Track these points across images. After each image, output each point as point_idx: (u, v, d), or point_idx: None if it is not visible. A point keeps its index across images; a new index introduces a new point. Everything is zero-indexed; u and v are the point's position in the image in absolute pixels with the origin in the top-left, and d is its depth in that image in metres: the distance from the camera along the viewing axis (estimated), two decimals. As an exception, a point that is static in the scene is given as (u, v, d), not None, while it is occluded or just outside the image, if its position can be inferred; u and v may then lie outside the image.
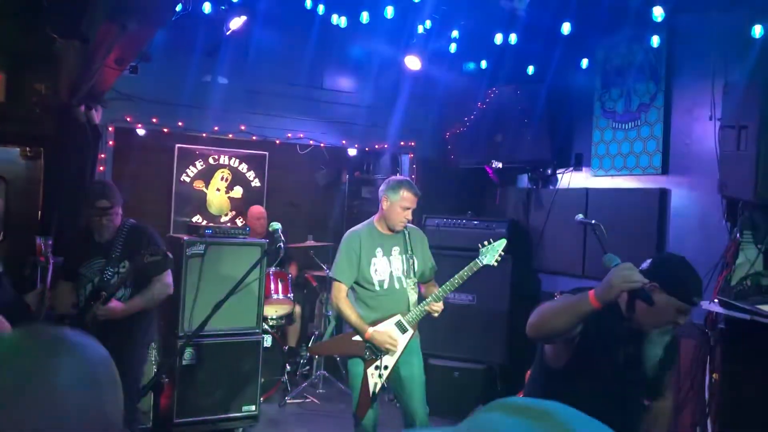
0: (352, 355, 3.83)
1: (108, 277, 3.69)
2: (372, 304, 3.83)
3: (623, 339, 2.13)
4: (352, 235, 3.92)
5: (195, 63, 5.40)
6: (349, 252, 3.84)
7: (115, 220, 3.81)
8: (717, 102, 4.09)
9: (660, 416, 2.38)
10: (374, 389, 3.75)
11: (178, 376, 4.81)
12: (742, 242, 3.96)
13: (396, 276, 3.87)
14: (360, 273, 3.82)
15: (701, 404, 4.09)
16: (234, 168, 7.46)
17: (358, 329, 3.77)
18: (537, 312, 2.15)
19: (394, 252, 3.90)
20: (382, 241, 3.89)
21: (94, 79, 4.13)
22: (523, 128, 5.60)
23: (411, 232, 4.01)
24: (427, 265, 4.05)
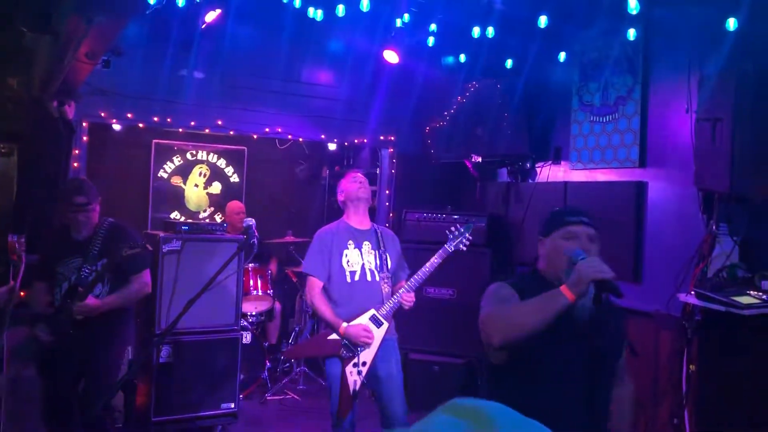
0: (328, 354, 3.80)
1: (85, 275, 3.63)
2: (345, 297, 3.81)
3: (570, 324, 2.07)
4: (323, 231, 3.99)
5: (170, 57, 5.32)
6: (320, 246, 3.86)
7: (92, 216, 3.75)
8: (693, 95, 4.10)
9: (620, 404, 2.34)
10: (355, 387, 3.72)
11: (155, 375, 4.76)
12: (718, 234, 3.98)
13: (368, 268, 3.87)
14: (331, 266, 3.82)
15: (678, 396, 4.11)
16: (212, 163, 7.39)
17: (333, 325, 3.75)
18: (498, 319, 2.08)
19: (365, 245, 3.92)
20: (353, 234, 3.93)
21: (65, 73, 4.05)
22: (502, 122, 5.59)
23: (383, 232, 4.07)
24: (401, 265, 4.07)
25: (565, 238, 2.20)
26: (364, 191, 4.00)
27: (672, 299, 4.09)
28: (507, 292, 2.22)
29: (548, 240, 2.26)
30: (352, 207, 3.97)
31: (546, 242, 2.27)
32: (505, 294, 2.21)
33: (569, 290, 1.99)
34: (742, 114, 3.58)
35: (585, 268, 2.00)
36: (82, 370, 3.55)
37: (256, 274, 6.14)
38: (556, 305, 1.98)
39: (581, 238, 2.19)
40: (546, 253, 2.27)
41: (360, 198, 3.97)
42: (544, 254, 2.28)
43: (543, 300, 2.02)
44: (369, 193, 4.08)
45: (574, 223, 2.21)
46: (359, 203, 3.96)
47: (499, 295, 2.22)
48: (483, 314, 2.15)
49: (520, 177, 5.87)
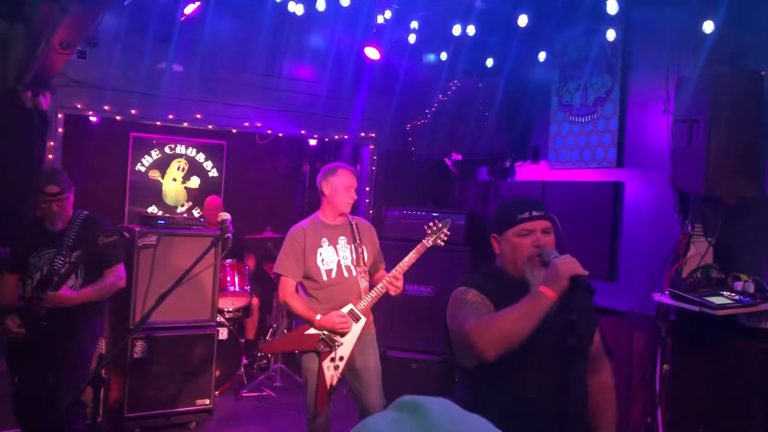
0: (305, 349, 3.77)
1: (58, 266, 3.57)
2: (322, 296, 3.77)
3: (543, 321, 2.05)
4: (295, 229, 3.88)
5: (148, 49, 5.26)
6: (293, 245, 3.78)
7: (66, 206, 3.68)
8: (670, 96, 4.14)
9: (602, 393, 2.33)
10: (332, 382, 3.70)
11: (128, 370, 4.71)
12: (693, 235, 4.02)
13: (344, 264, 3.81)
14: (306, 265, 3.75)
15: (652, 395, 4.15)
16: (191, 157, 7.33)
17: (308, 319, 3.71)
18: (488, 332, 1.98)
19: (340, 242, 3.86)
20: (327, 231, 3.85)
21: (39, 63, 3.99)
22: (482, 121, 5.60)
23: (358, 224, 3.98)
24: (378, 258, 4.02)
25: (520, 235, 2.17)
26: (350, 206, 3.90)
27: (646, 299, 4.13)
28: (478, 298, 2.15)
29: (503, 237, 2.23)
30: (330, 207, 3.88)
31: (501, 240, 2.24)
32: (477, 301, 2.14)
33: (550, 289, 1.97)
34: (718, 116, 3.62)
35: (561, 264, 1.99)
36: (51, 363, 3.49)
37: (234, 270, 6.09)
38: (542, 307, 1.96)
39: (536, 232, 2.17)
40: (503, 251, 2.23)
41: (344, 211, 3.88)
42: (502, 251, 2.24)
43: (528, 304, 1.99)
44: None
45: (526, 220, 2.18)
46: (341, 210, 3.88)
47: (471, 302, 2.13)
48: (466, 327, 2.03)
49: (500, 176, 5.89)
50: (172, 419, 4.90)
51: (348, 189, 3.84)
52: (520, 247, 2.17)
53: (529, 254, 2.14)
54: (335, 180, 3.84)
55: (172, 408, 4.87)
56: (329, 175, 3.86)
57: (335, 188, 3.83)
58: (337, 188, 3.83)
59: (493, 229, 2.28)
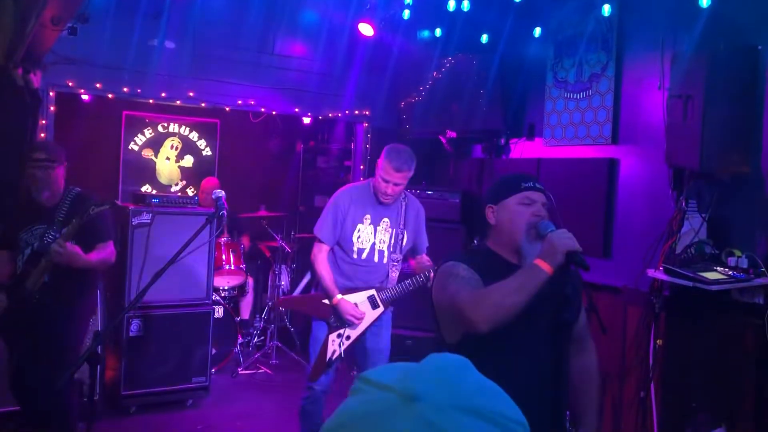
0: (319, 316, 3.76)
1: (49, 241, 3.54)
2: (348, 271, 3.72)
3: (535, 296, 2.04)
4: (343, 193, 3.71)
5: (140, 26, 5.20)
6: (335, 211, 3.66)
7: (53, 176, 3.60)
8: (666, 72, 4.12)
9: (586, 375, 2.30)
10: (331, 356, 3.70)
11: (124, 348, 4.73)
12: (688, 211, 4.03)
13: (378, 249, 3.71)
14: (342, 234, 3.66)
15: (645, 370, 4.18)
16: (184, 136, 7.29)
17: (328, 293, 3.66)
18: (481, 305, 1.97)
19: (383, 223, 3.71)
20: (374, 208, 3.69)
21: (29, 39, 3.93)
22: (477, 98, 5.57)
23: (408, 205, 3.77)
24: (419, 240, 3.90)
25: (522, 203, 2.15)
26: (386, 197, 3.65)
27: (641, 275, 4.14)
28: (468, 273, 2.12)
29: (501, 207, 2.19)
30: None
31: (498, 209, 2.20)
32: (468, 275, 2.11)
33: (545, 262, 1.96)
34: (713, 92, 3.60)
35: (558, 239, 1.98)
36: (45, 340, 3.49)
37: (229, 249, 6.09)
38: (537, 280, 1.95)
39: (537, 203, 2.16)
40: (500, 221, 2.19)
41: (381, 200, 3.68)
42: (498, 222, 2.20)
43: (523, 277, 1.98)
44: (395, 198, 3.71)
45: (530, 189, 2.17)
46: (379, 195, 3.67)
47: (462, 276, 2.11)
48: (460, 300, 2.02)
49: (494, 153, 5.87)
50: (169, 397, 4.94)
51: (386, 183, 3.59)
52: (521, 215, 2.14)
53: (529, 223, 2.12)
54: (380, 165, 3.61)
55: (168, 386, 4.90)
56: (382, 156, 3.62)
57: (377, 173, 3.63)
58: (377, 174, 3.64)
59: (490, 200, 2.24)
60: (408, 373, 0.66)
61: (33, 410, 3.61)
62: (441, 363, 0.69)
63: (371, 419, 0.62)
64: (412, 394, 0.62)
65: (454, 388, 0.65)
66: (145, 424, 4.70)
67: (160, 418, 4.81)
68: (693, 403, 3.85)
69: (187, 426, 4.72)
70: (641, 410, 4.15)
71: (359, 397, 0.66)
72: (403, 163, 3.58)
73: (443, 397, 0.63)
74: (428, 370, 0.67)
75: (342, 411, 0.66)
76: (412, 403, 0.62)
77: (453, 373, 0.67)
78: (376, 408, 0.63)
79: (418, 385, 0.64)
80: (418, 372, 0.67)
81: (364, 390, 0.66)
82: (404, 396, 0.62)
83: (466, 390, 0.65)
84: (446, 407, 0.62)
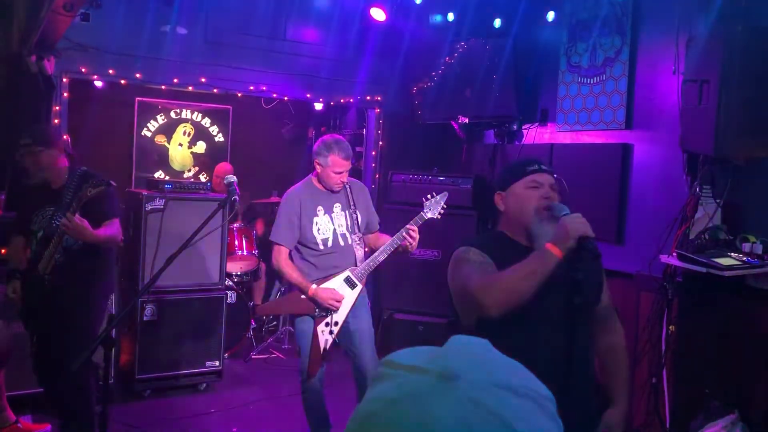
0: (300, 313, 3.80)
1: (57, 224, 3.56)
2: (318, 263, 3.77)
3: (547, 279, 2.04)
4: (290, 195, 3.81)
5: (152, 12, 5.21)
6: (289, 214, 3.74)
7: (44, 161, 3.57)
8: (681, 56, 4.07)
9: (613, 354, 2.30)
10: (326, 346, 3.74)
11: (139, 332, 4.78)
12: (702, 197, 3.99)
13: (340, 233, 3.79)
14: (302, 234, 3.73)
15: (657, 356, 4.17)
16: (197, 122, 7.30)
17: (302, 288, 3.71)
18: (493, 290, 1.98)
19: (335, 209, 3.81)
20: (323, 199, 3.79)
21: (43, 26, 3.95)
22: (490, 83, 5.53)
23: (352, 186, 3.90)
24: (371, 217, 4.00)
25: (530, 187, 2.15)
26: (340, 186, 3.78)
27: (654, 261, 4.12)
28: (480, 257, 2.13)
29: (509, 192, 2.20)
30: (321, 182, 3.79)
31: (507, 195, 2.20)
32: (480, 260, 2.13)
33: (556, 247, 1.95)
34: (730, 75, 3.55)
35: (572, 223, 1.96)
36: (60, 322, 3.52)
37: (241, 234, 6.12)
38: (548, 264, 1.94)
39: (545, 185, 2.15)
40: (509, 206, 2.20)
41: (334, 191, 3.79)
42: (507, 208, 2.20)
43: (534, 262, 1.97)
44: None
45: (537, 171, 2.16)
46: (331, 189, 3.78)
47: (475, 261, 2.12)
48: (471, 285, 2.03)
49: (507, 139, 5.84)
50: (183, 381, 4.99)
51: (338, 174, 3.72)
52: (529, 199, 2.14)
53: (538, 206, 2.12)
54: (326, 164, 3.70)
55: (182, 370, 4.96)
56: (320, 157, 3.72)
57: (325, 171, 3.72)
58: (328, 173, 3.71)
59: (498, 186, 2.25)
60: (437, 354, 0.65)
61: (53, 392, 3.66)
62: (466, 343, 0.68)
63: (409, 402, 0.60)
64: (450, 374, 0.61)
65: (486, 365, 0.64)
66: (159, 408, 4.76)
67: (173, 402, 4.86)
68: (705, 389, 3.84)
69: (200, 409, 4.77)
70: (653, 396, 4.14)
71: (390, 383, 0.64)
72: (348, 150, 3.74)
73: (480, 375, 0.62)
74: (457, 351, 0.66)
75: (373, 398, 0.64)
76: (452, 381, 0.61)
77: (481, 352, 0.67)
78: (412, 390, 0.61)
79: (453, 364, 0.63)
80: (446, 353, 0.66)
81: (394, 374, 0.64)
82: (442, 376, 0.61)
83: (498, 367, 0.65)
84: (486, 384, 0.61)
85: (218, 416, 4.71)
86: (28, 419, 4.20)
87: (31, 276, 3.55)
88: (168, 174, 7.13)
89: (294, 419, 4.56)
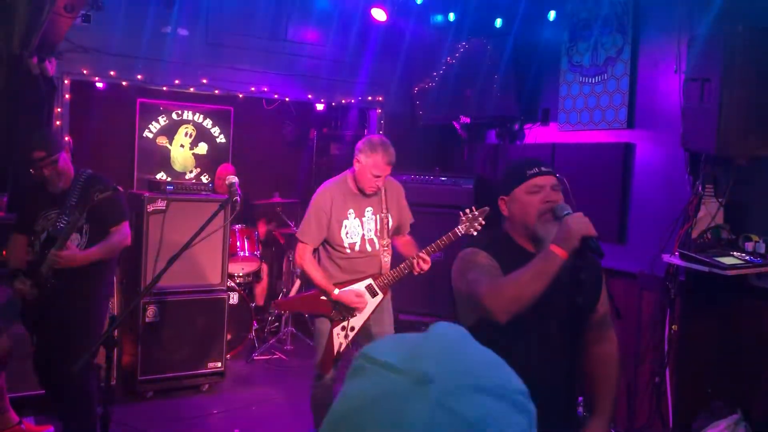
0: (319, 314, 3.79)
1: (62, 226, 3.57)
2: (343, 265, 3.73)
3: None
4: (323, 193, 3.70)
5: (152, 13, 5.21)
6: (318, 213, 3.66)
7: (59, 168, 3.60)
8: (682, 55, 4.07)
9: (603, 365, 2.27)
10: (339, 349, 3.74)
11: (141, 334, 4.78)
12: (704, 196, 3.99)
13: (368, 238, 3.72)
14: (330, 234, 3.66)
15: (660, 355, 4.17)
16: (198, 124, 7.30)
17: (325, 290, 3.67)
18: (500, 296, 1.96)
19: (367, 213, 3.72)
20: (355, 202, 3.70)
21: (44, 28, 3.95)
22: (491, 83, 5.53)
23: (387, 187, 3.78)
24: (404, 220, 3.90)
25: (531, 192, 2.13)
26: (375, 190, 3.67)
27: (656, 260, 4.12)
28: (487, 261, 2.12)
29: (511, 198, 2.18)
30: (357, 182, 3.68)
31: (509, 200, 2.19)
32: (487, 263, 2.11)
33: (560, 248, 1.93)
34: (731, 74, 3.55)
35: (575, 223, 1.95)
36: (61, 324, 3.53)
37: (243, 235, 6.12)
38: (553, 266, 1.92)
39: (546, 188, 2.13)
40: (513, 212, 2.19)
41: (368, 193, 3.68)
42: (512, 213, 2.19)
43: (539, 264, 1.95)
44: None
45: (537, 175, 2.15)
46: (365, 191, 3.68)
47: (482, 264, 2.11)
48: (479, 290, 2.01)
49: (509, 139, 5.84)
50: (185, 382, 4.99)
51: (376, 177, 3.60)
52: (530, 204, 2.12)
53: (540, 211, 2.10)
54: (368, 162, 3.57)
55: (184, 371, 4.95)
56: (364, 154, 3.59)
57: (364, 170, 3.60)
58: (366, 172, 3.59)
59: (501, 191, 2.23)
60: (413, 352, 0.66)
61: (54, 393, 3.67)
62: (444, 337, 0.69)
63: (384, 404, 0.61)
64: (424, 378, 0.62)
65: (461, 365, 0.65)
66: (161, 409, 4.76)
67: (176, 403, 4.86)
68: (708, 388, 3.83)
69: (203, 411, 4.77)
70: (656, 395, 4.14)
71: (366, 380, 0.65)
72: (393, 156, 3.61)
73: (453, 377, 0.63)
74: (433, 347, 0.66)
75: (349, 394, 0.65)
76: (425, 386, 0.62)
77: (457, 348, 0.67)
78: (387, 392, 0.62)
79: (428, 365, 0.63)
80: (423, 349, 0.66)
81: (370, 370, 0.65)
82: (416, 379, 0.62)
83: (472, 366, 0.66)
84: (458, 388, 0.62)
85: (221, 417, 4.71)
86: (30, 421, 4.20)
87: (34, 277, 3.55)
88: (170, 175, 7.13)
89: (296, 419, 4.57)
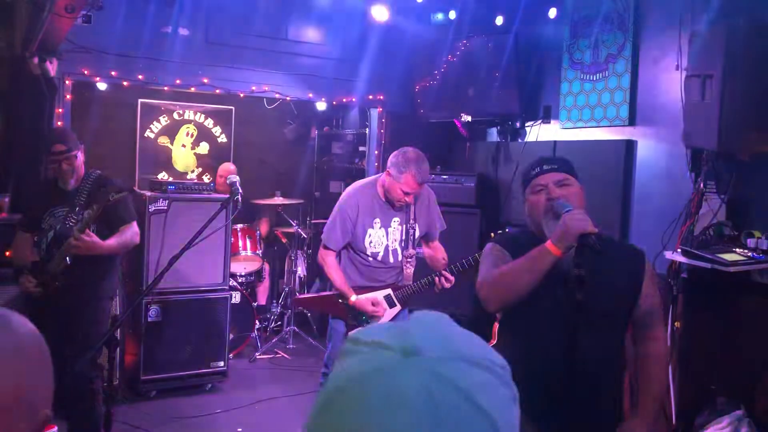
0: (335, 315, 3.79)
1: (71, 225, 3.59)
2: (363, 270, 3.70)
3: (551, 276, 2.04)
4: (351, 197, 3.62)
5: (153, 13, 5.20)
6: (344, 218, 3.58)
7: (75, 164, 3.67)
8: (683, 51, 4.06)
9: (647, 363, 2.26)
10: None
11: (143, 334, 4.78)
12: (706, 192, 3.98)
13: (392, 249, 3.67)
14: (354, 239, 3.61)
15: (663, 352, 4.15)
16: (199, 123, 7.30)
17: (344, 294, 3.64)
18: (489, 285, 2.08)
19: (393, 223, 3.66)
20: (382, 211, 3.62)
21: (45, 27, 3.95)
22: (492, 81, 5.52)
23: (418, 196, 3.66)
24: (432, 229, 3.81)
25: (534, 192, 2.20)
26: (401, 204, 3.58)
27: (658, 257, 4.11)
28: (499, 253, 2.22)
29: (525, 199, 2.27)
30: (386, 191, 3.57)
31: (525, 201, 2.29)
32: (497, 256, 2.21)
33: (555, 245, 1.97)
34: (733, 70, 3.54)
35: (571, 220, 1.97)
36: (65, 322, 3.53)
37: (245, 235, 6.13)
38: (543, 263, 1.96)
39: (548, 185, 2.17)
40: (528, 213, 2.27)
41: (396, 205, 3.60)
42: (527, 213, 2.28)
43: (529, 259, 2.00)
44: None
45: (537, 175, 2.20)
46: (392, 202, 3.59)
47: (491, 258, 2.22)
48: (479, 279, 2.14)
49: (510, 137, 5.83)
50: (188, 381, 4.99)
51: (405, 195, 3.49)
52: (536, 204, 2.19)
53: (546, 207, 2.15)
54: (398, 178, 3.45)
55: (187, 370, 4.96)
56: (399, 166, 3.45)
57: (394, 185, 3.48)
58: (396, 188, 3.48)
59: (521, 193, 2.33)
60: (400, 330, 0.68)
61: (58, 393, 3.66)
62: (426, 319, 0.71)
63: (375, 376, 0.62)
64: (412, 349, 0.64)
65: (446, 340, 0.67)
66: (164, 408, 4.76)
67: (179, 402, 4.87)
68: (711, 385, 3.82)
69: (205, 410, 4.77)
70: (659, 393, 4.12)
71: (355, 358, 0.66)
72: (426, 173, 3.50)
73: (441, 348, 0.65)
74: (418, 326, 0.69)
75: (338, 374, 0.66)
76: (414, 356, 0.63)
77: (440, 327, 0.70)
78: (377, 366, 0.63)
79: (416, 339, 0.65)
80: (408, 329, 0.68)
81: (358, 351, 0.67)
82: (405, 351, 0.64)
83: (456, 340, 0.68)
84: (447, 359, 0.64)
85: (223, 416, 4.71)
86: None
87: (41, 275, 3.56)
88: (171, 175, 7.13)
89: (299, 419, 4.56)
